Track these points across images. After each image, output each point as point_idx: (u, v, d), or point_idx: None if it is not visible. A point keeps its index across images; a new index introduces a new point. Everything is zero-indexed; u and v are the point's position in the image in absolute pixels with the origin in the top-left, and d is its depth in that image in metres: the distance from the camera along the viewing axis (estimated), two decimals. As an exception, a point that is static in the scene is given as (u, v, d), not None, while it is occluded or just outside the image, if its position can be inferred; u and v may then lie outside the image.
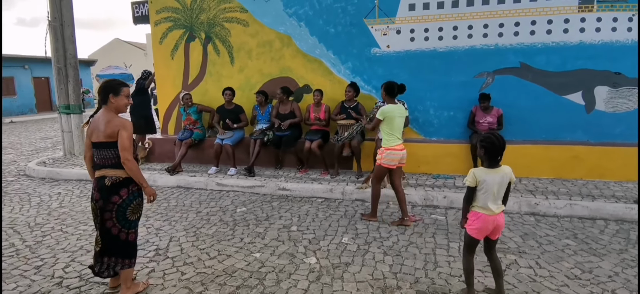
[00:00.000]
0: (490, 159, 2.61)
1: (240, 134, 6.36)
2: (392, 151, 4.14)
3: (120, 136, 2.73)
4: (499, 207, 2.62)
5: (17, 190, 6.03)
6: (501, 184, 2.58)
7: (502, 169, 2.60)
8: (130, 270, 2.93)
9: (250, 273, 3.22)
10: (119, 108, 2.87)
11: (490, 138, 2.59)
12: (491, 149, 2.57)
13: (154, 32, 7.09)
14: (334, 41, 6.24)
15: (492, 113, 5.57)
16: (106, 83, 2.88)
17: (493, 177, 2.57)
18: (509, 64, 5.64)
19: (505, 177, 2.59)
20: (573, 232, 3.99)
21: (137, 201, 2.90)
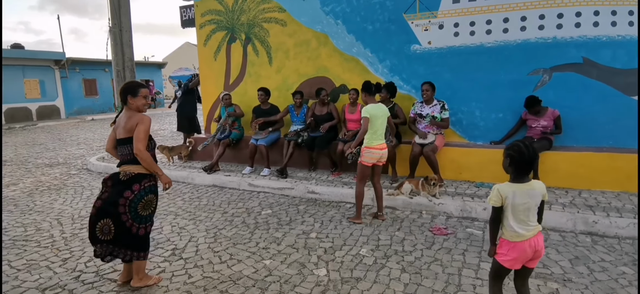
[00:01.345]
0: (517, 172, 2.20)
1: (275, 135, 6.32)
2: (371, 150, 4.16)
3: (137, 129, 2.82)
4: (531, 229, 2.20)
5: (75, 183, 6.57)
6: (530, 203, 2.17)
7: (532, 184, 2.19)
8: (143, 262, 3.02)
9: (254, 282, 3.10)
10: (139, 108, 2.96)
11: (518, 146, 2.18)
12: (519, 160, 2.17)
13: (199, 35, 7.34)
14: (372, 39, 5.95)
15: (547, 115, 4.90)
16: (126, 85, 2.98)
17: (520, 195, 2.17)
18: (570, 59, 4.93)
19: (536, 195, 2.18)
20: (633, 257, 3.34)
21: (148, 197, 2.98)
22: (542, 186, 2.20)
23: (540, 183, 2.22)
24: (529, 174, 2.20)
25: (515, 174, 2.22)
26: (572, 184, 4.76)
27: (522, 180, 2.20)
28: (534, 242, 2.20)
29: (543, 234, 2.29)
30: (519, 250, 2.21)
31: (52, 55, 19.99)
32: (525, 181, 2.20)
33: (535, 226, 2.22)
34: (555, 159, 4.82)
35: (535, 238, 2.21)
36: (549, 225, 3.99)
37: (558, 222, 3.97)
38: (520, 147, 2.18)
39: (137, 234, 2.97)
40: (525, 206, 2.18)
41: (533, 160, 2.17)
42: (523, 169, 2.19)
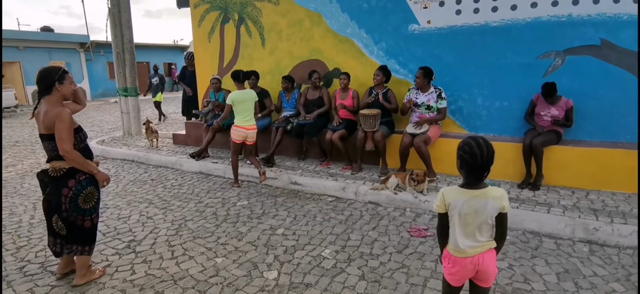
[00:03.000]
0: (468, 176, 1.80)
1: (265, 121, 6.02)
2: (238, 128, 4.96)
3: (57, 128, 2.58)
4: (477, 245, 1.81)
5: (69, 165, 6.57)
6: (480, 214, 1.77)
7: (487, 192, 1.78)
8: (86, 257, 2.86)
9: (196, 282, 2.85)
10: (66, 95, 2.75)
11: (470, 145, 1.77)
12: (470, 163, 1.76)
13: (193, 15, 7.09)
14: (367, 18, 5.47)
15: (559, 105, 4.30)
16: (48, 71, 2.72)
17: (468, 202, 1.78)
18: (586, 40, 4.29)
19: (490, 205, 1.76)
20: (629, 272, 2.84)
21: (88, 190, 2.81)
22: (501, 195, 1.78)
23: (500, 191, 1.79)
24: (482, 178, 1.79)
25: (466, 177, 1.82)
26: (581, 183, 4.19)
27: (474, 186, 1.79)
28: (477, 260, 1.81)
29: (495, 253, 1.87)
30: (460, 266, 1.84)
31: (77, 38, 20.51)
32: (479, 187, 1.79)
33: (485, 243, 1.82)
34: (564, 155, 4.25)
35: (481, 256, 1.81)
36: (544, 231, 3.50)
37: (555, 228, 3.47)
38: (472, 146, 1.76)
39: (83, 226, 2.82)
40: (474, 217, 1.78)
41: (487, 164, 1.74)
42: (475, 173, 1.77)
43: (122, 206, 4.54)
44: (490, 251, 1.83)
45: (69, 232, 2.79)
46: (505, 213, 1.78)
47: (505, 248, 3.27)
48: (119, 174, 5.94)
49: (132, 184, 5.40)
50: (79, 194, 2.74)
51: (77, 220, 2.78)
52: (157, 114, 11.76)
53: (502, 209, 1.77)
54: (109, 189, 5.18)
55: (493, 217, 1.80)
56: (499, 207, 1.77)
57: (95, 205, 2.87)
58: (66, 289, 2.82)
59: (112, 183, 5.46)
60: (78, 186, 2.73)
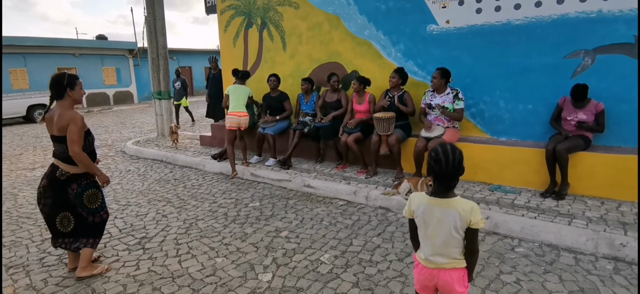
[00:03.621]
0: (435, 182, 1.71)
1: (284, 124, 6.07)
2: (230, 115, 5.64)
3: (69, 130, 2.77)
4: (442, 261, 1.72)
5: (105, 164, 7.01)
6: (443, 224, 1.68)
7: (452, 202, 1.68)
8: (90, 250, 3.03)
9: (192, 281, 2.93)
10: (77, 100, 2.94)
11: (436, 150, 1.69)
12: (435, 168, 1.68)
13: (219, 21, 7.32)
14: (385, 20, 5.37)
15: (588, 108, 3.98)
16: (60, 77, 2.91)
17: (431, 210, 1.70)
18: (618, 38, 3.94)
19: (454, 216, 1.65)
20: None
21: (90, 191, 3.00)
22: (470, 208, 1.65)
23: (469, 205, 1.66)
24: (450, 187, 1.69)
25: (434, 185, 1.72)
26: (612, 193, 3.84)
27: (441, 194, 1.69)
28: (438, 275, 1.73)
29: (464, 272, 1.74)
30: (422, 274, 1.79)
31: (126, 45, 21.85)
32: (447, 196, 1.69)
33: (452, 261, 1.71)
34: (592, 163, 3.92)
35: (443, 272, 1.73)
36: (564, 244, 3.24)
37: (575, 241, 3.20)
38: (438, 153, 1.67)
39: (94, 221, 3.03)
40: (437, 227, 1.69)
41: (454, 172, 1.64)
42: (441, 180, 1.68)
43: (143, 203, 4.76)
44: (457, 269, 1.71)
45: (78, 226, 2.97)
46: (475, 229, 1.66)
47: (517, 260, 3.07)
48: (146, 173, 6.24)
49: (156, 183, 5.66)
50: (82, 195, 2.93)
51: (88, 216, 2.98)
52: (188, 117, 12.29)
53: (471, 224, 1.65)
54: (134, 187, 5.46)
55: (461, 231, 1.68)
56: (466, 221, 1.66)
57: (102, 203, 3.06)
58: (74, 281, 3.00)
59: (137, 182, 5.75)
60: (80, 189, 2.92)
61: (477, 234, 1.68)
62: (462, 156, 1.67)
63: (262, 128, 6.03)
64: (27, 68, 18.36)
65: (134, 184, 5.61)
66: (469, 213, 1.64)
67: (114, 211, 4.53)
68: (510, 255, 3.16)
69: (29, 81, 18.44)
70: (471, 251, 1.71)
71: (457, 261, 1.71)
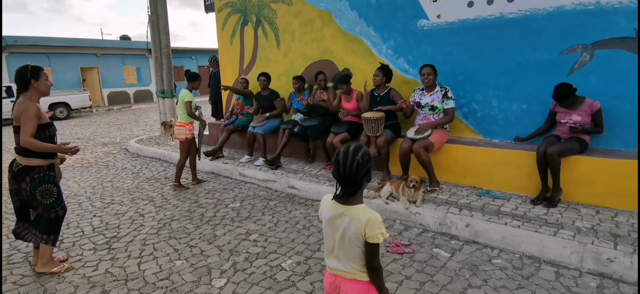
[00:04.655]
0: (339, 186, 1.55)
1: (274, 122, 5.96)
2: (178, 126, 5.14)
3: (22, 118, 2.75)
4: (340, 265, 1.57)
5: (106, 162, 7.11)
6: (343, 233, 1.52)
7: (352, 210, 1.52)
8: (48, 247, 3.00)
9: (144, 284, 2.85)
10: (43, 91, 2.93)
11: (339, 151, 1.54)
12: (334, 169, 1.55)
13: (217, 19, 7.28)
14: (376, 15, 5.16)
15: (582, 108, 3.65)
16: (24, 69, 2.90)
17: (333, 217, 1.56)
18: (618, 31, 3.59)
19: (350, 226, 1.50)
20: None
21: (44, 187, 2.94)
22: (367, 220, 1.48)
23: (368, 216, 1.49)
24: (349, 193, 1.52)
25: (337, 188, 1.56)
26: (609, 202, 3.51)
27: (343, 200, 1.54)
28: (337, 283, 1.60)
29: (365, 286, 1.57)
30: (327, 280, 1.68)
31: (146, 45, 22.31)
32: (349, 202, 1.53)
33: (352, 271, 1.56)
34: (589, 168, 3.59)
35: (345, 282, 1.58)
36: (546, 256, 2.97)
37: (559, 254, 2.92)
38: (339, 154, 1.53)
39: (49, 218, 2.99)
40: (335, 234, 1.55)
41: (349, 177, 1.48)
42: (340, 184, 1.52)
43: (126, 202, 4.75)
44: (359, 282, 1.55)
45: (36, 219, 2.98)
46: (372, 244, 1.48)
47: (491, 273, 2.83)
48: (140, 172, 6.27)
49: (146, 181, 5.66)
50: (36, 189, 2.90)
51: (43, 212, 2.96)
52: None
53: (366, 238, 1.47)
54: (123, 185, 5.48)
55: (359, 243, 1.52)
56: (361, 234, 1.49)
57: (57, 199, 3.02)
58: (33, 279, 2.98)
59: (128, 179, 5.78)
60: (33, 183, 2.88)
61: (375, 250, 1.51)
62: (367, 159, 1.50)
63: (252, 127, 5.93)
64: (51, 67, 19.07)
65: (124, 182, 5.64)
66: (363, 226, 1.47)
67: (95, 209, 4.54)
68: (485, 267, 2.92)
69: (53, 80, 19.12)
70: (370, 268, 1.53)
71: (358, 273, 1.55)
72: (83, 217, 4.29)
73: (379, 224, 1.49)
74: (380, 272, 1.56)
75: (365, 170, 1.50)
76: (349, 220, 1.50)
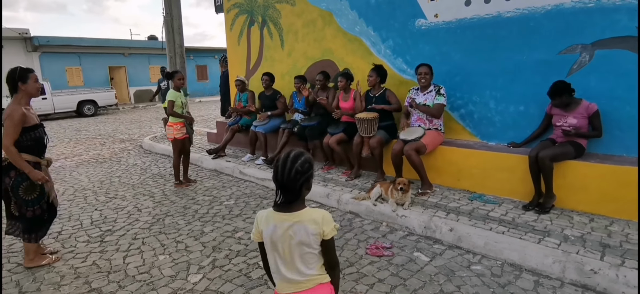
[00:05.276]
0: (280, 194, 1.54)
1: (276, 122, 6.01)
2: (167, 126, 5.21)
3: (5, 123, 2.87)
4: (302, 280, 1.54)
5: (119, 157, 7.40)
6: (294, 241, 1.50)
7: (301, 214, 1.51)
8: (31, 245, 3.11)
9: (123, 277, 2.96)
10: (31, 93, 3.03)
11: (277, 159, 1.55)
12: (273, 177, 1.53)
13: (226, 19, 7.41)
14: (375, 14, 5.11)
15: (578, 111, 3.49)
16: (13, 72, 3.02)
17: (279, 227, 1.52)
18: (619, 30, 3.40)
19: (302, 231, 1.48)
20: None
21: (27, 183, 3.00)
22: (321, 218, 1.49)
23: (320, 214, 1.51)
24: (290, 200, 1.51)
25: (277, 196, 1.55)
26: (605, 210, 3.34)
27: (287, 208, 1.52)
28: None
29: (330, 288, 1.57)
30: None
31: (171, 44, 22.99)
32: (293, 209, 1.51)
33: (314, 277, 1.54)
34: (585, 173, 3.43)
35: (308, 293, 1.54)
36: (528, 265, 2.87)
37: (541, 262, 2.81)
38: (278, 160, 1.52)
39: (26, 215, 3.05)
40: (290, 245, 1.51)
41: (288, 184, 1.47)
42: (280, 191, 1.51)
43: (128, 197, 4.93)
44: (323, 285, 1.55)
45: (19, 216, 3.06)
46: (328, 240, 1.49)
47: (467, 279, 2.76)
48: (148, 168, 6.48)
49: (151, 178, 5.85)
50: (20, 185, 2.96)
51: (21, 208, 3.02)
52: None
53: (323, 235, 1.48)
54: (129, 181, 5.68)
55: (315, 245, 1.51)
56: (318, 234, 1.49)
57: (38, 197, 3.06)
58: (21, 269, 3.14)
59: (135, 175, 5.99)
60: (18, 178, 2.96)
61: (333, 245, 1.52)
62: (307, 167, 1.49)
63: (254, 126, 6.01)
64: (82, 66, 19.97)
65: (131, 178, 5.85)
66: (319, 224, 1.48)
67: (98, 203, 4.74)
68: (463, 273, 2.85)
69: (83, 79, 20.06)
70: (330, 265, 1.54)
71: (320, 277, 1.55)
72: (85, 210, 4.49)
73: (330, 220, 1.52)
74: (339, 268, 1.58)
75: (304, 178, 1.48)
76: (302, 226, 1.48)
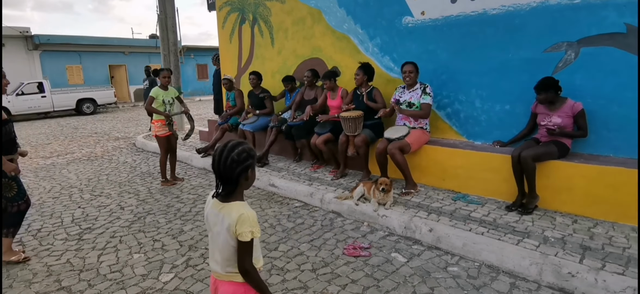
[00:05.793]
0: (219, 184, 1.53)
1: (264, 120, 5.96)
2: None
3: None
4: (217, 267, 1.54)
5: (111, 155, 7.39)
6: (219, 231, 1.49)
7: (227, 207, 1.49)
8: (7, 240, 3.11)
9: (95, 276, 2.93)
10: None
11: (217, 148, 1.51)
12: (212, 168, 1.53)
13: (218, 17, 7.37)
14: (362, 12, 5.05)
15: (563, 110, 3.41)
16: None
17: (212, 215, 1.54)
18: (607, 27, 3.32)
19: (225, 223, 1.46)
20: None
21: (4, 181, 3.01)
22: (238, 216, 1.45)
23: (239, 211, 1.46)
24: (227, 192, 1.49)
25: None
26: (590, 211, 3.26)
27: (221, 198, 1.51)
28: (218, 286, 1.56)
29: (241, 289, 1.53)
30: (211, 281, 1.63)
31: (171, 43, 23.01)
32: (228, 199, 1.50)
33: (230, 274, 1.52)
34: (570, 174, 3.35)
35: (222, 284, 1.54)
36: (505, 266, 2.80)
37: (518, 264, 2.75)
38: (216, 150, 1.50)
39: (12, 211, 3.10)
40: (216, 234, 1.51)
41: (223, 174, 1.46)
42: (219, 182, 1.48)
43: (113, 195, 4.90)
44: (235, 284, 1.51)
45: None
46: (243, 242, 1.44)
47: (442, 281, 2.70)
48: (138, 166, 6.45)
49: (139, 176, 5.82)
50: None
51: (7, 205, 3.05)
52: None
53: (237, 235, 1.43)
54: (117, 179, 5.66)
55: (233, 242, 1.48)
56: (232, 232, 1.45)
57: (18, 192, 3.10)
58: (2, 265, 3.12)
59: (122, 172, 5.97)
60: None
61: (245, 249, 1.45)
62: (244, 157, 1.46)
63: (242, 124, 5.97)
64: (82, 65, 20.04)
65: (119, 176, 5.83)
66: (234, 222, 1.44)
67: (83, 200, 4.71)
68: (438, 274, 2.79)
69: (83, 77, 20.13)
70: (240, 270, 1.48)
71: (235, 274, 1.50)
72: (68, 208, 4.46)
73: (250, 222, 1.45)
74: (253, 275, 1.50)
75: (241, 168, 1.46)
76: (223, 216, 1.47)
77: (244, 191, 1.55)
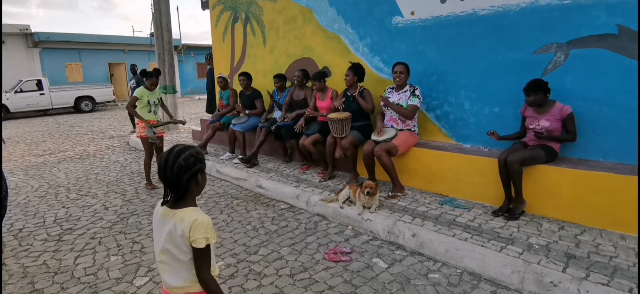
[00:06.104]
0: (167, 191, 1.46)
1: (255, 121, 5.90)
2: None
3: None
4: (172, 280, 1.46)
5: (103, 154, 7.35)
6: (170, 239, 1.41)
7: (178, 213, 1.42)
8: None
9: (69, 279, 2.88)
10: None
11: (162, 155, 1.45)
12: (159, 175, 1.50)
13: (211, 16, 7.32)
14: (353, 11, 4.97)
15: (551, 113, 3.33)
16: None
17: (161, 223, 1.46)
18: (598, 28, 3.23)
19: (176, 230, 1.39)
20: None
21: None
22: (188, 222, 1.38)
23: (192, 216, 1.40)
24: (177, 199, 1.43)
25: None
26: (578, 217, 3.18)
27: (171, 204, 1.44)
28: None
29: None
30: None
31: (171, 41, 22.98)
32: (178, 206, 1.44)
33: (188, 286, 1.45)
34: (557, 180, 3.27)
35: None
36: (487, 274, 2.73)
37: (500, 272, 2.67)
38: (164, 155, 1.43)
39: None
40: (167, 243, 1.42)
41: (169, 179, 1.40)
42: (167, 190, 1.42)
43: (99, 195, 4.86)
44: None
45: None
46: (198, 249, 1.37)
47: (422, 288, 2.63)
48: (129, 166, 6.41)
49: (128, 175, 5.77)
50: None
51: None
52: None
53: (192, 241, 1.37)
54: (106, 178, 5.61)
55: (186, 249, 1.41)
56: (186, 238, 1.39)
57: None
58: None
59: (112, 172, 5.92)
60: None
61: (201, 256, 1.39)
62: (192, 162, 1.40)
63: (233, 124, 5.91)
64: (82, 63, 20.04)
65: (108, 175, 5.78)
66: (188, 228, 1.37)
67: (68, 200, 4.67)
68: (418, 281, 2.72)
69: (83, 75, 20.13)
70: (198, 280, 1.41)
71: (193, 285, 1.43)
72: (53, 207, 4.42)
73: (205, 228, 1.39)
74: (212, 287, 1.43)
75: (190, 174, 1.40)
76: (174, 223, 1.40)
77: (195, 197, 1.49)
